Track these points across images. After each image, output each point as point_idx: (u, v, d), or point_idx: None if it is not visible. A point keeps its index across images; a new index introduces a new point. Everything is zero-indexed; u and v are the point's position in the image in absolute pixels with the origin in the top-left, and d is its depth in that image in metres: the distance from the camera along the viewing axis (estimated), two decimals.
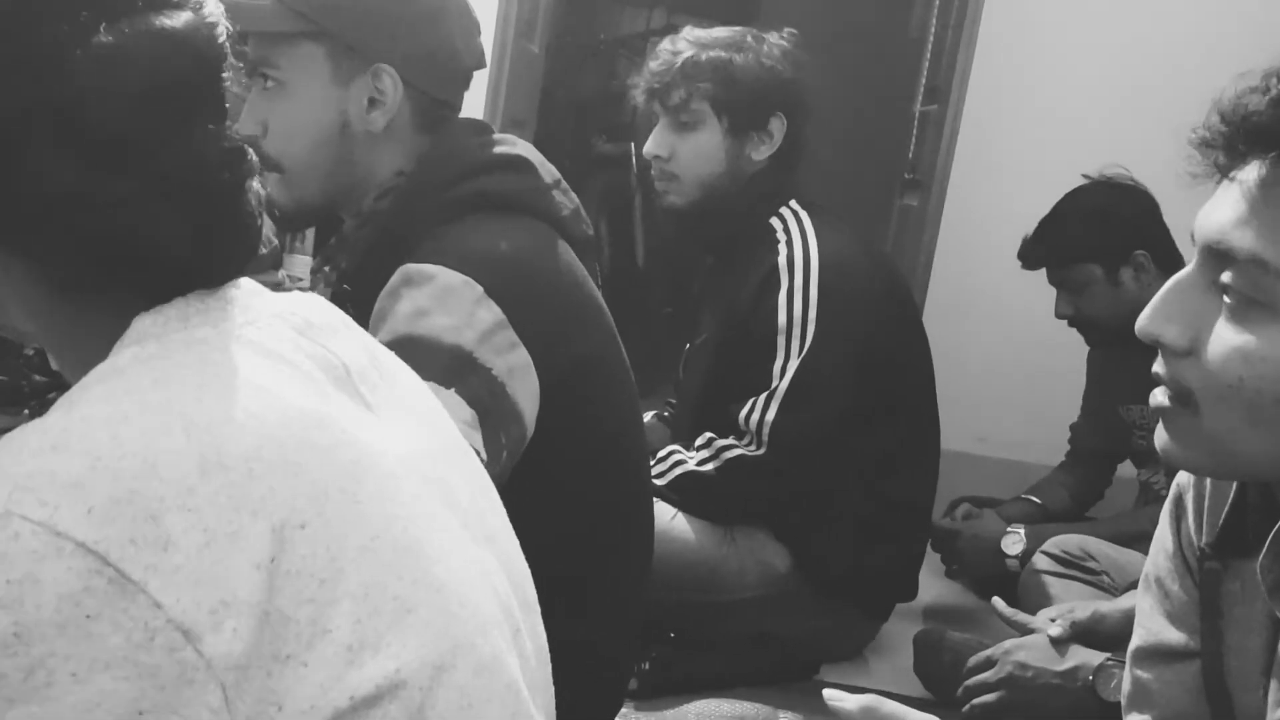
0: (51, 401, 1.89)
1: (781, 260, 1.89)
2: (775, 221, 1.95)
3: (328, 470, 0.61)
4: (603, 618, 1.24)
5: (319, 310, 0.70)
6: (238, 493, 0.57)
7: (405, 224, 1.19)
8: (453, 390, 1.04)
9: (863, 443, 1.95)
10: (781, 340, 1.86)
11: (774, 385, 1.85)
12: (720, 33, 1.98)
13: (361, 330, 0.74)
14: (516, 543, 0.77)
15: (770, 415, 1.84)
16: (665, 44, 1.98)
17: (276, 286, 1.98)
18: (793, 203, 1.97)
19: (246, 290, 0.68)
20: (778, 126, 1.96)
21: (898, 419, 2.01)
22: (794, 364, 1.85)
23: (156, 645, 0.53)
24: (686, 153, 1.95)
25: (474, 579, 0.67)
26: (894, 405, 1.99)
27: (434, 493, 0.68)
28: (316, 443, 0.61)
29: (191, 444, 0.57)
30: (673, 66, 1.93)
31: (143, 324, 0.63)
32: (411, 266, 1.10)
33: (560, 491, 1.17)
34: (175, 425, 0.57)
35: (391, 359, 0.75)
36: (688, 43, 1.95)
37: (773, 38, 1.98)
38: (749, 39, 1.96)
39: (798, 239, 1.91)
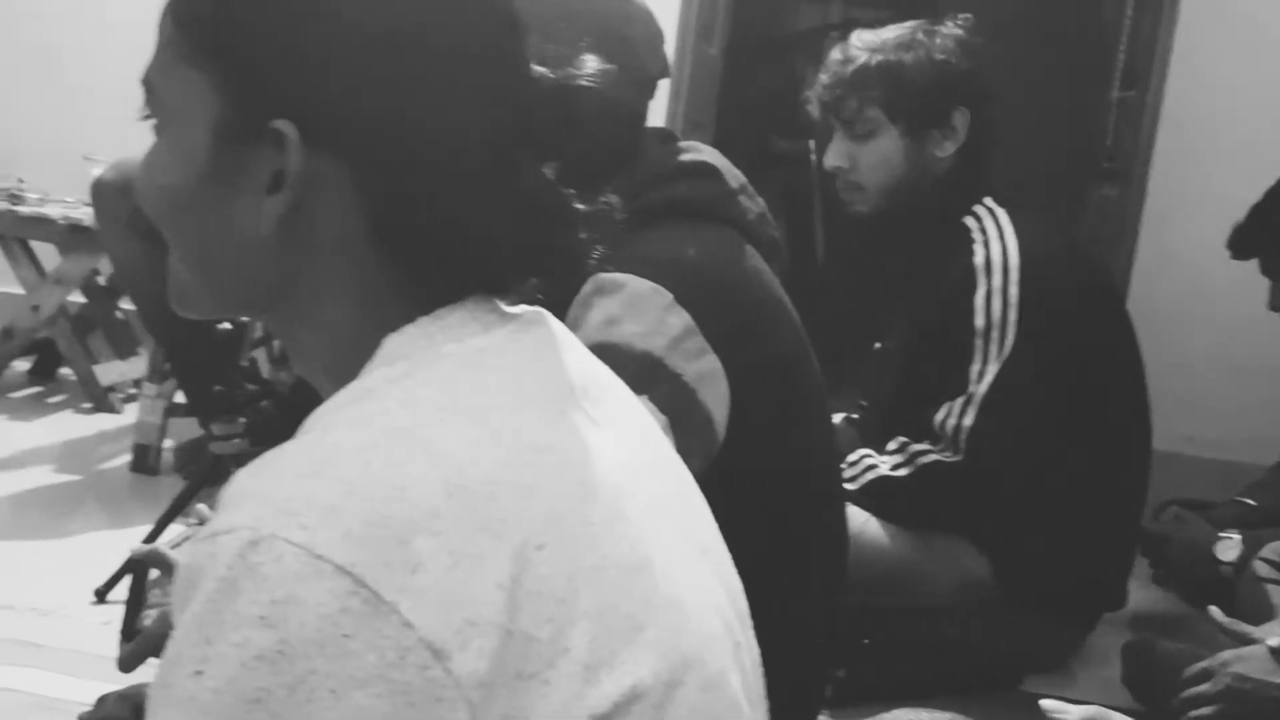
0: (263, 411, 1.98)
1: (979, 260, 1.84)
2: (970, 220, 1.90)
3: (561, 492, 0.62)
4: (796, 624, 1.23)
5: (549, 324, 0.71)
6: (480, 515, 0.58)
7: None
8: (644, 397, 1.05)
9: (1068, 447, 1.88)
10: (979, 343, 1.81)
11: (971, 390, 1.81)
12: (889, 33, 1.94)
13: (582, 344, 0.75)
14: (728, 555, 0.77)
15: (968, 420, 1.80)
16: (834, 53, 1.96)
17: None
18: (988, 200, 1.91)
19: (487, 303, 0.69)
20: (961, 121, 1.91)
21: (1106, 421, 1.93)
22: (993, 368, 1.80)
23: (408, 663, 0.55)
24: (867, 161, 1.92)
25: (698, 594, 0.68)
26: (1102, 407, 1.92)
27: (657, 508, 0.69)
28: (550, 465, 0.63)
29: (436, 469, 0.59)
30: (842, 77, 1.91)
31: (392, 344, 0.65)
32: (603, 275, 1.12)
33: (751, 497, 1.17)
34: (420, 450, 0.59)
35: (607, 373, 0.76)
36: (856, 49, 1.92)
37: (946, 28, 1.92)
38: (919, 35, 1.91)
39: (995, 238, 1.86)
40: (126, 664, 1.09)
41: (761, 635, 0.85)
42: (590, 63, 0.73)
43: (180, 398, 2.61)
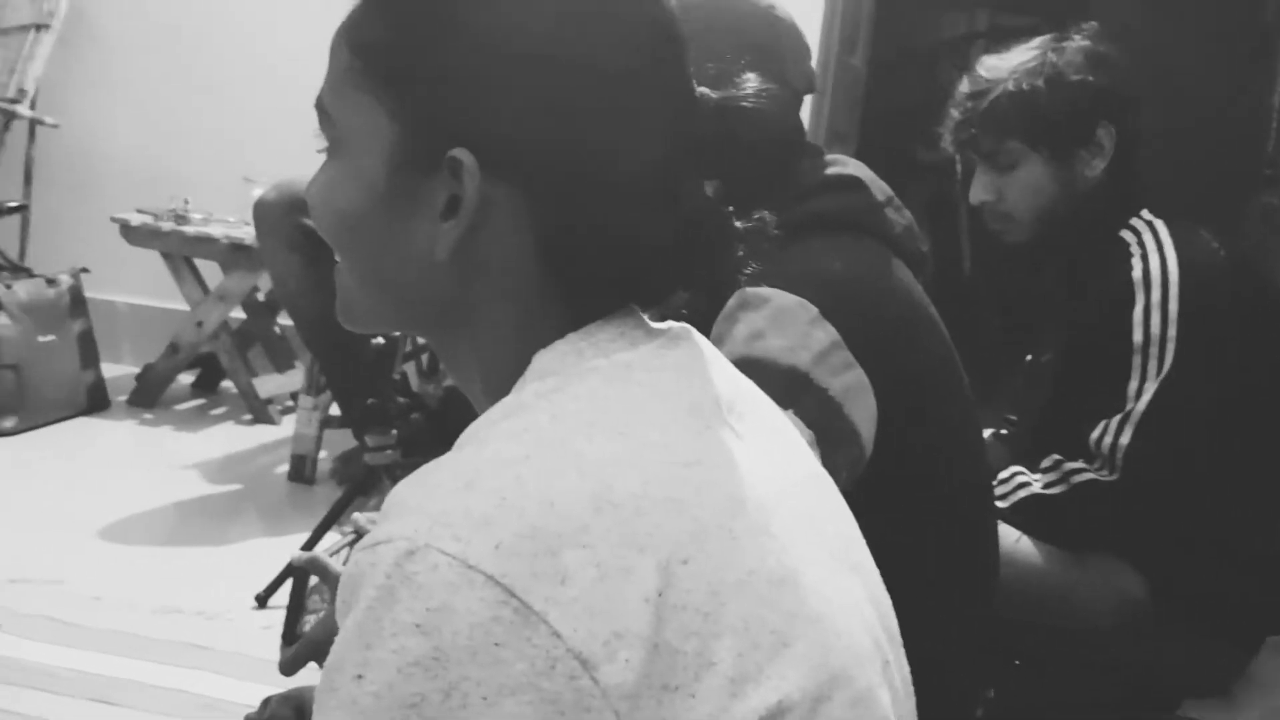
0: (414, 423, 2.03)
1: (1136, 275, 1.78)
2: (1127, 234, 1.84)
3: (706, 506, 0.62)
4: (946, 644, 1.21)
5: (695, 339, 0.72)
6: (627, 529, 0.59)
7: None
8: (790, 411, 1.05)
9: (1232, 465, 1.81)
10: (1137, 360, 1.75)
11: (1129, 407, 1.75)
12: (1015, 58, 1.89)
13: (727, 359, 0.75)
14: (878, 572, 0.76)
15: (1124, 439, 1.74)
16: (961, 86, 1.91)
17: None
18: (1145, 213, 1.85)
19: (634, 319, 0.70)
20: (1106, 136, 1.85)
21: (1270, 437, 1.85)
22: (1152, 385, 1.74)
23: (557, 673, 0.56)
24: (1013, 193, 1.88)
25: (846, 610, 0.67)
26: (1265, 423, 1.84)
27: (803, 523, 0.69)
28: (695, 480, 0.63)
29: (585, 483, 0.60)
30: (974, 114, 1.87)
31: (541, 360, 0.67)
32: (747, 290, 1.12)
33: (898, 514, 1.15)
34: (570, 465, 0.61)
35: (753, 388, 0.76)
36: (984, 79, 1.88)
37: (1074, 42, 1.87)
38: (1049, 56, 1.85)
39: (1153, 251, 1.80)
40: (288, 667, 1.13)
41: (911, 654, 0.84)
42: (751, 81, 0.74)
43: (335, 410, 2.68)
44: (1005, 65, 1.88)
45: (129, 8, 3.55)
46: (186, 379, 3.34)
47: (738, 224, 0.72)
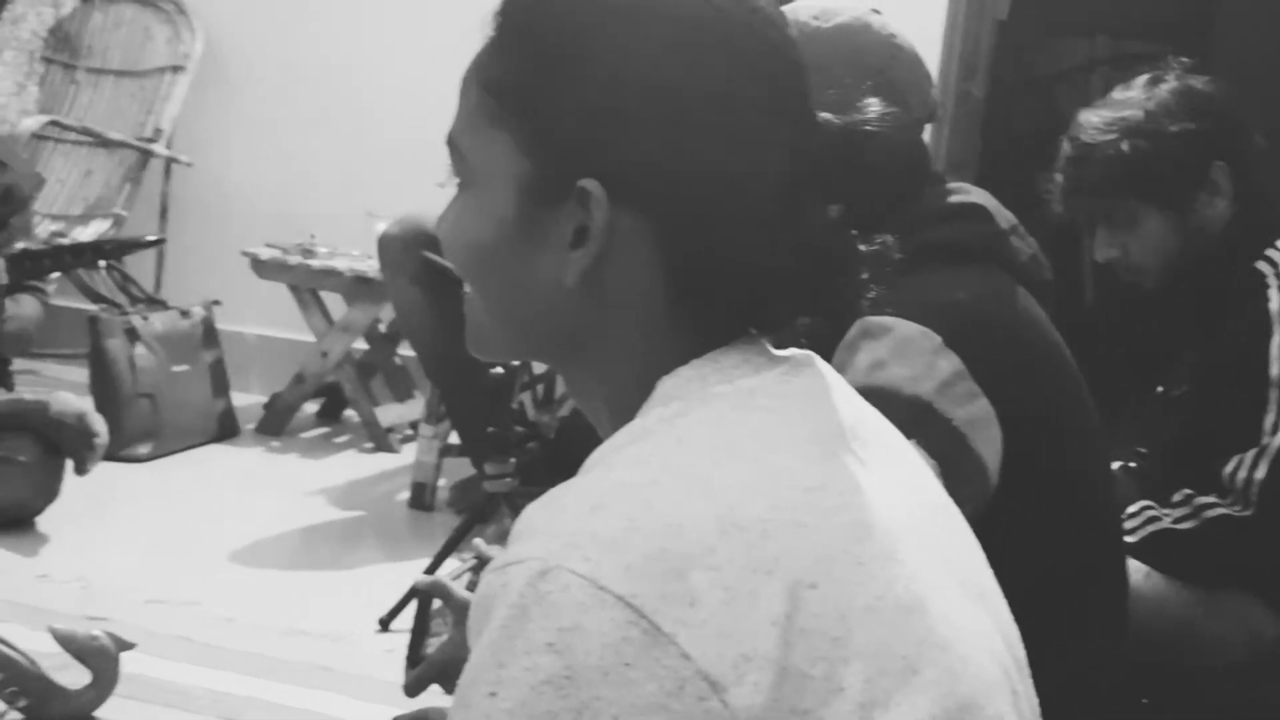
0: (531, 451, 2.06)
1: (1274, 306, 1.74)
2: (1263, 265, 1.79)
3: (833, 532, 0.63)
4: (1073, 679, 1.19)
5: (818, 366, 0.73)
6: (754, 553, 0.60)
7: None
8: (913, 442, 1.04)
9: None
10: (1274, 393, 1.70)
11: (1265, 442, 1.70)
12: (1111, 112, 1.84)
13: (848, 385, 0.75)
14: (1004, 602, 0.75)
15: (1260, 474, 1.69)
16: (1064, 149, 1.88)
17: None
18: None
19: (757, 345, 0.71)
20: (1221, 173, 1.81)
21: None
22: None
23: (686, 694, 0.57)
24: (1138, 247, 1.84)
25: (974, 638, 0.67)
26: None
27: (929, 550, 0.68)
28: (821, 505, 0.64)
29: (711, 506, 0.61)
30: (1081, 182, 1.84)
31: (665, 386, 0.68)
32: (869, 319, 1.11)
33: (1024, 547, 1.13)
34: (697, 489, 0.62)
35: (876, 416, 0.76)
36: (1085, 143, 1.84)
37: (1169, 85, 1.82)
38: (1149, 106, 1.80)
39: None
40: (412, 689, 1.15)
41: (1038, 688, 0.83)
42: (873, 106, 0.74)
43: (454, 439, 2.73)
44: (1102, 122, 1.84)
45: (260, 51, 3.68)
46: (311, 407, 3.42)
47: (860, 248, 0.73)
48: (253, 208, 3.64)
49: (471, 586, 1.18)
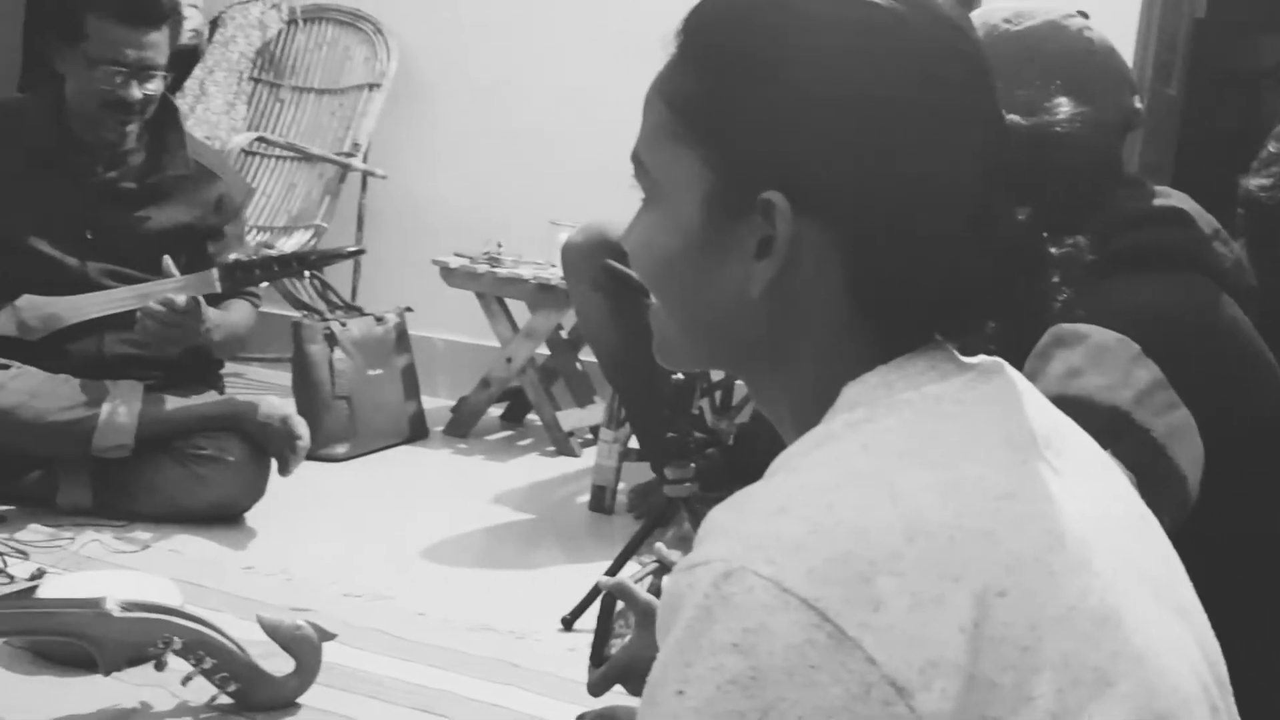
0: (711, 457, 2.07)
1: None
2: None
3: (1023, 540, 0.62)
4: (1276, 698, 1.13)
5: (1008, 373, 0.72)
6: (940, 559, 0.60)
7: None
8: (1109, 452, 1.01)
9: None
10: None
11: None
12: None
13: (1039, 392, 0.74)
14: (1205, 616, 0.73)
15: None
16: (1270, 146, 1.78)
17: None
18: None
19: (943, 351, 0.71)
20: None
21: None
22: None
23: (872, 698, 0.57)
24: None
25: (1172, 652, 0.65)
26: None
27: (1125, 561, 0.67)
28: (1011, 512, 0.63)
29: (897, 511, 0.61)
30: None
31: (850, 392, 0.68)
32: (1063, 326, 1.09)
33: (1229, 561, 1.09)
34: (883, 493, 0.62)
35: (1070, 424, 0.75)
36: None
37: None
38: None
39: None
40: (596, 688, 1.17)
41: (1241, 709, 0.80)
42: (1063, 107, 0.73)
43: (634, 443, 2.77)
44: None
45: (450, 67, 3.80)
46: (496, 411, 3.52)
47: (1051, 250, 0.72)
48: (442, 218, 3.77)
49: (653, 589, 1.19)
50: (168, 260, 2.36)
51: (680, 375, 2.17)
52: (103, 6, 2.39)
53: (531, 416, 3.50)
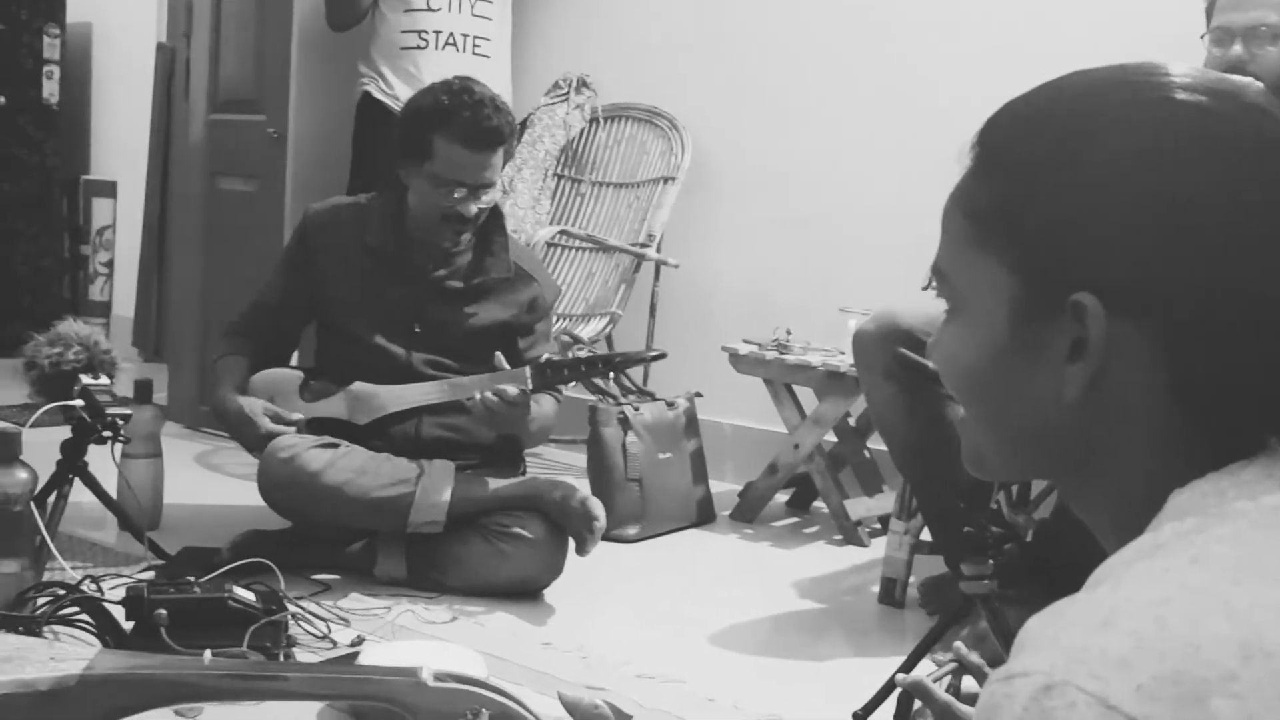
0: (1009, 553, 1.99)
1: None
2: None
3: None
4: None
5: None
6: None
7: None
8: None
9: None
10: None
11: None
12: None
13: None
14: None
15: None
16: None
17: None
18: None
19: None
20: None
21: None
22: None
23: None
24: None
25: None
26: None
27: None
28: None
29: (1232, 628, 0.58)
30: None
31: (1179, 500, 0.66)
32: None
33: None
34: (1216, 609, 0.59)
35: None
36: None
37: None
38: None
39: None
40: None
41: None
42: None
43: (926, 535, 2.71)
44: None
45: (740, 159, 3.90)
46: (782, 497, 3.52)
47: None
48: (731, 305, 3.84)
49: (951, 689, 1.17)
50: (499, 355, 2.53)
51: None
52: (451, 131, 2.60)
53: (818, 504, 3.49)
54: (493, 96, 2.66)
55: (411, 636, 2.32)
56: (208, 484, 3.42)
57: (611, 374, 3.06)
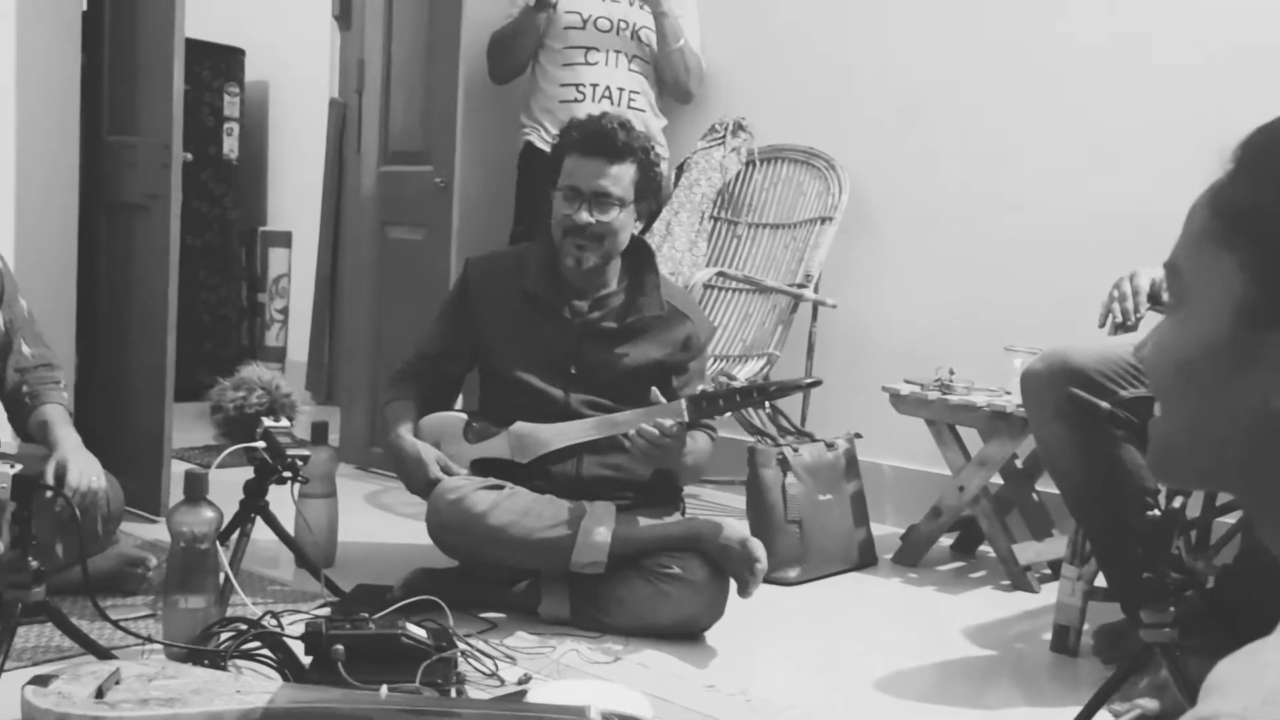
0: (1190, 600, 1.91)
1: None
2: None
3: None
4: None
5: None
6: None
7: None
8: None
9: None
10: None
11: None
12: None
13: None
14: None
15: None
16: None
17: None
18: None
19: None
20: None
21: None
22: None
23: None
24: None
25: None
26: None
27: None
28: None
29: None
30: None
31: None
32: None
33: None
34: None
35: None
36: None
37: None
38: None
39: None
40: None
41: None
42: None
43: (1100, 581, 2.62)
44: None
45: (898, 197, 3.87)
46: (946, 541, 3.45)
47: None
48: (891, 345, 3.80)
49: None
50: (655, 390, 2.56)
51: (1157, 512, 2.05)
52: (573, 145, 2.70)
53: (984, 548, 3.41)
54: (624, 119, 2.72)
55: (576, 676, 2.34)
56: (378, 523, 3.52)
57: (768, 405, 3.05)
